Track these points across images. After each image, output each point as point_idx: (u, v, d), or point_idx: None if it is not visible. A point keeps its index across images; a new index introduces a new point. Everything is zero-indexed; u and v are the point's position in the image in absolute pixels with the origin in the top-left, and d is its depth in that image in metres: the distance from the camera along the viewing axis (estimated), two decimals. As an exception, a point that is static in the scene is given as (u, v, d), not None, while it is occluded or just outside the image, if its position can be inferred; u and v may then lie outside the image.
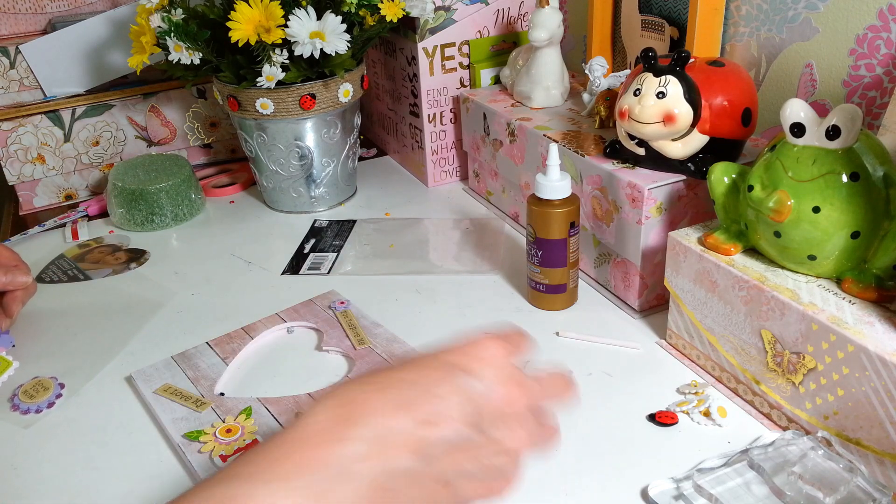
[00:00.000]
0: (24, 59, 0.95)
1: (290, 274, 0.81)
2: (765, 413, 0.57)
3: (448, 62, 0.93)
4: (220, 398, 0.61)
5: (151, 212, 0.91)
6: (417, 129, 0.98)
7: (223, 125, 1.07)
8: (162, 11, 0.82)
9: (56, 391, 0.63)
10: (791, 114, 0.52)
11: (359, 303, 0.73)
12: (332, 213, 0.94)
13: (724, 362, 0.60)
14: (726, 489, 0.49)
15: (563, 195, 0.67)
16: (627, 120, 0.63)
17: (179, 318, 0.74)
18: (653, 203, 0.65)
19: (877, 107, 0.66)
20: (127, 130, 1.02)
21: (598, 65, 0.79)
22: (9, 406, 0.61)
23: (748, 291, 0.55)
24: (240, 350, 0.67)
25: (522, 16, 0.96)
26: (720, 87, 0.63)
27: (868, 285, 0.52)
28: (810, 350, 0.51)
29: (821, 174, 0.51)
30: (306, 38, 0.78)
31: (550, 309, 0.71)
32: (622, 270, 0.71)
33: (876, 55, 0.65)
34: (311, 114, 0.86)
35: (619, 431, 0.56)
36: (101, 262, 0.85)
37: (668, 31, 0.81)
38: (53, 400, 0.62)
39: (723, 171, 0.59)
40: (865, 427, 0.49)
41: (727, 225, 0.59)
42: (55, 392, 0.63)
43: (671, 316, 0.64)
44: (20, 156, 0.96)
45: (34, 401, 0.61)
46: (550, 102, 0.85)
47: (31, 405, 0.61)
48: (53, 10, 1.03)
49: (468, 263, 0.80)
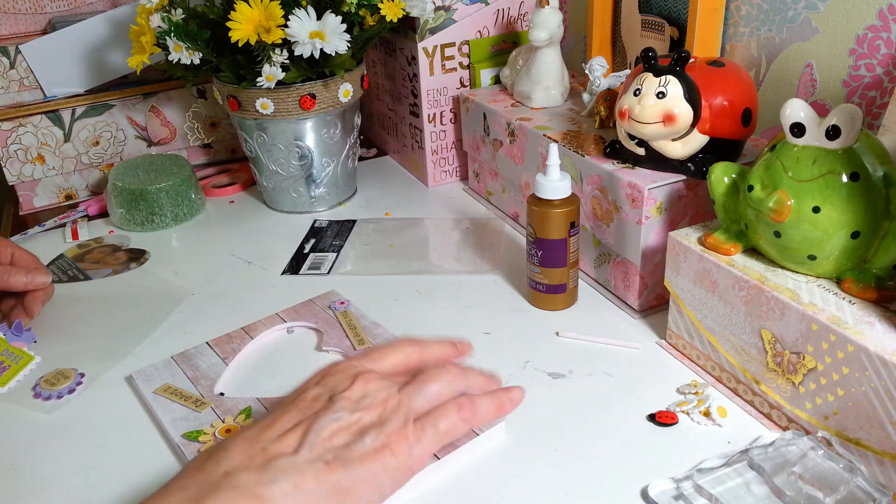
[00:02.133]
0: (24, 59, 0.95)
1: (290, 274, 0.81)
2: (765, 413, 0.57)
3: (448, 62, 0.93)
4: (219, 398, 0.61)
5: (151, 212, 0.91)
6: (417, 129, 0.98)
7: (223, 125, 1.07)
8: (162, 11, 0.82)
9: (76, 379, 0.65)
10: (791, 114, 0.52)
11: (359, 303, 0.73)
12: (332, 213, 0.94)
13: (724, 362, 0.60)
14: (726, 489, 0.49)
15: (563, 195, 0.67)
16: (627, 120, 0.63)
17: (179, 318, 0.74)
18: (653, 203, 0.65)
19: (877, 107, 0.66)
20: (127, 130, 1.02)
21: (598, 65, 0.79)
22: (31, 394, 0.64)
23: (748, 291, 0.55)
24: (240, 350, 0.67)
25: (522, 16, 0.96)
26: (720, 87, 0.63)
27: (868, 285, 0.52)
28: (810, 350, 0.51)
29: (821, 174, 0.51)
30: (306, 38, 0.78)
31: (550, 309, 0.71)
32: (622, 270, 0.71)
33: (876, 55, 0.65)
34: (311, 114, 0.86)
35: (619, 431, 0.56)
36: (101, 262, 0.85)
37: (668, 31, 0.81)
38: (74, 387, 0.64)
39: (723, 171, 0.59)
40: (865, 427, 0.49)
41: (727, 225, 0.59)
42: (75, 380, 0.65)
43: (671, 316, 0.64)
44: (20, 156, 0.96)
45: (55, 388, 0.64)
46: (550, 102, 0.85)
47: (53, 392, 0.64)
48: (53, 10, 1.03)
49: (468, 263, 0.80)
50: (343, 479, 0.43)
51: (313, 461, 0.43)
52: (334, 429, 0.46)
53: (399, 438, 0.46)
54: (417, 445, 0.46)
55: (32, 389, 0.64)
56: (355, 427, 0.46)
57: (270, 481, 0.42)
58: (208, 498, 0.40)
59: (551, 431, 0.57)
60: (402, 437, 0.46)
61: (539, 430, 0.57)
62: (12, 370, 0.65)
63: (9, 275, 0.68)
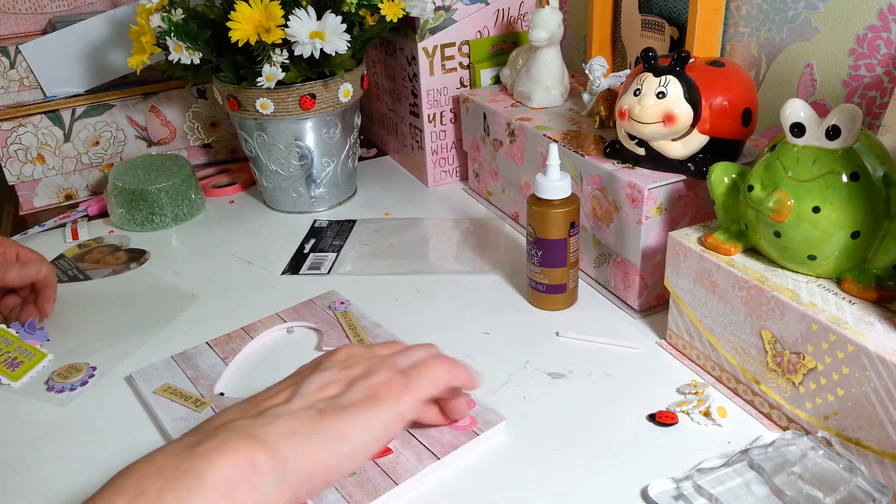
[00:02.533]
0: (24, 59, 0.95)
1: (290, 274, 0.81)
2: (765, 413, 0.57)
3: (448, 62, 0.93)
4: (219, 398, 0.61)
5: (151, 212, 0.91)
6: (417, 129, 0.98)
7: (223, 125, 1.07)
8: (162, 11, 0.82)
9: (88, 372, 0.66)
10: (791, 114, 0.52)
11: (359, 303, 0.73)
12: (332, 213, 0.94)
13: (724, 362, 0.60)
14: (726, 489, 0.49)
15: (563, 195, 0.67)
16: (627, 120, 0.63)
17: (179, 318, 0.74)
18: (653, 203, 0.65)
19: (877, 107, 0.66)
20: (127, 130, 1.02)
21: (598, 65, 0.79)
22: (45, 388, 0.65)
23: (748, 291, 0.55)
24: (240, 350, 0.67)
25: (522, 16, 0.96)
26: (720, 87, 0.63)
27: (868, 285, 0.52)
28: (810, 350, 0.51)
29: (821, 174, 0.51)
30: (306, 38, 0.78)
31: (550, 309, 0.71)
32: (622, 270, 0.71)
33: (876, 55, 0.65)
34: (311, 114, 0.86)
35: (619, 431, 0.56)
36: (101, 262, 0.85)
37: (668, 31, 0.81)
38: (86, 379, 0.66)
39: (723, 171, 0.59)
40: (865, 427, 0.49)
41: (727, 225, 0.59)
42: (87, 373, 0.66)
43: (671, 316, 0.64)
44: (20, 156, 0.96)
45: (67, 381, 0.65)
46: (550, 102, 0.85)
47: (66, 384, 0.65)
48: (53, 10, 1.03)
49: (468, 263, 0.80)
50: (336, 424, 0.44)
51: (306, 408, 0.44)
52: (324, 382, 0.47)
53: (387, 386, 0.47)
54: (405, 392, 0.47)
55: (45, 383, 0.65)
56: (343, 381, 0.47)
57: (266, 424, 0.42)
58: (207, 440, 0.40)
59: (551, 431, 0.57)
60: (390, 384, 0.47)
61: (539, 430, 0.57)
62: (26, 366, 0.67)
63: (4, 270, 0.70)
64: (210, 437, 0.41)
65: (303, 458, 0.42)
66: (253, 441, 0.41)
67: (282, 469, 0.40)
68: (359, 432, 0.44)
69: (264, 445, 0.41)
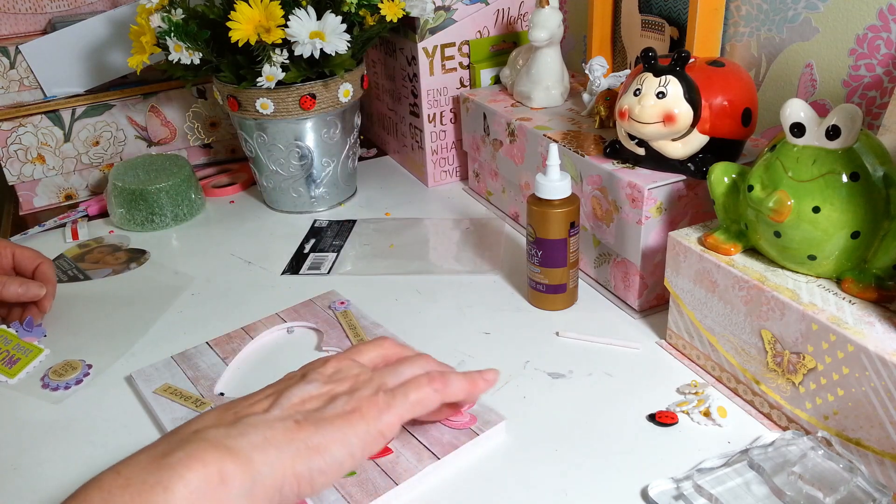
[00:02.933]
0: (24, 59, 0.95)
1: (290, 274, 0.81)
2: (765, 413, 0.57)
3: (448, 62, 0.93)
4: (219, 398, 0.61)
5: (151, 212, 0.91)
6: (417, 129, 0.98)
7: (223, 125, 1.07)
8: (162, 11, 0.82)
9: (84, 370, 0.66)
10: (791, 114, 0.52)
11: (359, 303, 0.73)
12: (332, 213, 0.94)
13: (724, 362, 0.60)
14: (726, 489, 0.49)
15: (563, 195, 0.67)
16: (627, 120, 0.63)
17: (179, 318, 0.74)
18: (653, 203, 0.65)
19: (877, 107, 0.66)
20: (127, 130, 1.02)
21: (598, 65, 0.79)
22: (40, 384, 0.65)
23: (748, 291, 0.55)
24: (240, 350, 0.67)
25: (522, 16, 0.96)
26: (720, 87, 0.63)
27: (868, 285, 0.52)
28: (810, 350, 0.51)
29: (821, 174, 0.51)
30: (306, 38, 0.78)
31: (550, 309, 0.71)
32: (622, 270, 0.71)
33: (876, 55, 0.65)
34: (311, 114, 0.86)
35: (619, 431, 0.56)
36: (101, 262, 0.85)
37: (668, 31, 0.81)
38: (81, 378, 0.66)
39: (723, 171, 0.59)
40: (865, 427, 0.49)
41: (727, 225, 0.59)
42: (83, 371, 0.66)
43: (671, 316, 0.64)
44: (20, 156, 0.96)
45: (63, 378, 0.65)
46: (550, 102, 0.85)
47: (61, 382, 0.65)
48: (53, 10, 1.03)
49: (468, 263, 0.80)
50: (313, 437, 0.43)
51: (283, 419, 0.44)
52: (305, 396, 0.46)
53: (370, 404, 0.46)
54: (388, 411, 0.46)
55: (41, 380, 0.66)
56: (326, 395, 0.46)
57: (240, 434, 0.42)
58: (177, 450, 0.40)
59: (551, 431, 0.57)
60: (373, 402, 0.46)
61: (539, 430, 0.57)
62: (23, 362, 0.67)
63: (3, 286, 0.69)
64: (181, 446, 0.40)
65: (276, 470, 0.41)
66: (224, 452, 0.40)
67: (252, 480, 0.40)
68: (335, 449, 0.43)
69: (236, 457, 0.40)
